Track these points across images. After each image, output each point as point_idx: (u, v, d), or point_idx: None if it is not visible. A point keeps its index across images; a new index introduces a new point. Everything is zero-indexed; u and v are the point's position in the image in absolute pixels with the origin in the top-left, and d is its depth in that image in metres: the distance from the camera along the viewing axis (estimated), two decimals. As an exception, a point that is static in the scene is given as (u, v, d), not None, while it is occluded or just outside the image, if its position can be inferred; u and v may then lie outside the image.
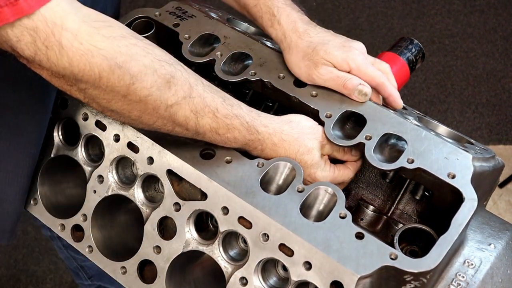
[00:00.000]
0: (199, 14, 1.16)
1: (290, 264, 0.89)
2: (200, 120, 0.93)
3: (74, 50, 0.81)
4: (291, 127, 1.00)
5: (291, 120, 1.02)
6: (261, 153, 1.00)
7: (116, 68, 0.84)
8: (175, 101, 0.90)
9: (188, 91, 0.91)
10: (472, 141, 1.05)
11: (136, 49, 0.86)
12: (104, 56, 0.83)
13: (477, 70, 3.02)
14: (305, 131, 1.01)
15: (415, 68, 1.29)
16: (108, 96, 0.88)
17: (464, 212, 0.89)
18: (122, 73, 0.85)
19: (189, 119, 0.92)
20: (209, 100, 0.93)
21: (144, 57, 0.86)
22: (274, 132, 0.99)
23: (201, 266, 1.04)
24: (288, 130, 1.00)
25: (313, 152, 1.00)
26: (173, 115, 0.91)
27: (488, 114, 2.86)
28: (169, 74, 0.89)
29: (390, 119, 0.99)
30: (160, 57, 0.89)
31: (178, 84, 0.90)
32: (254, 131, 0.97)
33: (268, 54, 1.10)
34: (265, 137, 0.98)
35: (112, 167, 1.05)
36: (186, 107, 0.91)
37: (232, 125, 0.95)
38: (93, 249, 1.06)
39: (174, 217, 0.98)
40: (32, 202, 1.13)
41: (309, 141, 1.00)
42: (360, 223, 1.06)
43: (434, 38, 3.14)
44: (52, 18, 0.80)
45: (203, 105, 0.92)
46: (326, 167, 1.02)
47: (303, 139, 1.00)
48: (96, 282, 1.78)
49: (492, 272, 0.96)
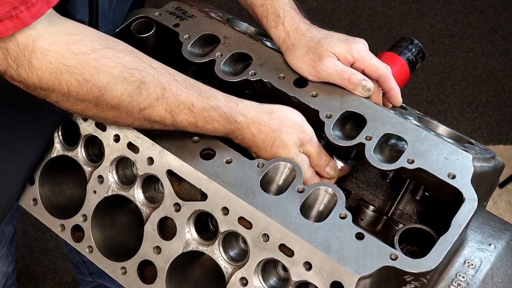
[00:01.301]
0: (199, 14, 1.16)
1: (290, 264, 0.89)
2: (176, 117, 0.95)
3: (43, 69, 0.86)
4: (270, 117, 1.00)
5: (273, 110, 1.01)
6: (242, 142, 1.01)
7: (84, 83, 0.88)
8: (148, 104, 0.93)
9: (160, 93, 0.93)
10: (472, 141, 1.05)
11: (104, 61, 0.89)
12: (71, 72, 0.87)
13: (477, 70, 3.02)
14: (286, 123, 1.00)
15: (415, 68, 1.29)
16: (80, 107, 0.92)
17: (464, 212, 0.89)
18: (90, 86, 0.88)
19: (165, 118, 0.95)
20: (184, 97, 0.94)
21: (113, 68, 0.89)
22: (253, 122, 0.99)
23: (201, 267, 1.03)
24: (267, 121, 0.99)
25: (288, 148, 0.99)
26: (147, 116, 0.94)
27: (488, 114, 2.86)
28: (139, 80, 0.91)
29: (390, 119, 0.99)
30: (130, 64, 0.91)
31: (149, 88, 0.92)
32: (233, 120, 0.98)
33: (268, 54, 1.10)
34: (243, 127, 0.99)
35: (112, 167, 1.05)
36: (160, 108, 0.93)
37: (210, 117, 0.96)
38: (93, 249, 1.06)
39: (174, 218, 0.98)
40: (32, 202, 1.13)
41: (287, 135, 0.99)
42: (360, 223, 1.06)
43: (434, 38, 3.14)
44: (24, 41, 0.84)
45: (177, 103, 0.94)
46: (302, 167, 0.98)
47: (280, 132, 0.99)
48: (97, 279, 1.78)
49: (492, 272, 0.96)
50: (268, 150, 0.99)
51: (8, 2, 0.81)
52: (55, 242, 2.41)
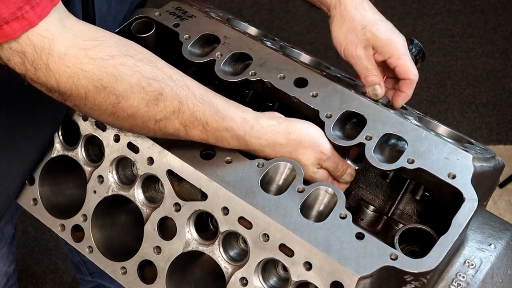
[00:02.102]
0: (199, 14, 1.16)
1: (290, 264, 0.89)
2: (189, 132, 0.95)
3: (61, 73, 0.85)
4: (287, 139, 0.98)
5: (290, 131, 0.98)
6: (254, 153, 1.00)
7: (102, 89, 0.87)
8: (164, 116, 0.92)
9: (177, 106, 0.92)
10: (472, 141, 1.05)
11: (123, 69, 0.88)
12: (89, 78, 0.86)
13: (477, 70, 3.02)
14: (303, 144, 0.98)
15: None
16: (96, 113, 0.91)
17: (465, 212, 0.89)
18: (107, 93, 0.88)
19: (179, 131, 0.94)
20: (199, 114, 0.94)
21: (131, 76, 0.89)
22: (267, 144, 0.98)
23: (201, 266, 1.03)
24: (283, 143, 0.98)
25: (306, 168, 0.98)
26: (162, 128, 0.94)
27: (488, 114, 2.86)
28: (157, 91, 0.90)
29: (390, 119, 0.99)
30: (148, 74, 0.90)
31: (167, 100, 0.91)
32: (245, 144, 0.97)
33: (268, 54, 1.10)
34: (256, 148, 0.98)
35: (112, 167, 1.05)
36: (175, 121, 0.93)
37: (222, 137, 0.96)
38: (93, 249, 1.06)
39: (174, 217, 0.98)
40: (32, 202, 1.13)
41: (304, 156, 0.99)
42: (360, 223, 1.06)
43: (434, 38, 3.14)
44: (40, 43, 0.84)
45: (192, 119, 0.93)
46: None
47: (297, 154, 0.98)
48: (97, 279, 1.78)
49: (493, 272, 0.96)
50: None
51: (12, 3, 0.80)
52: (55, 242, 2.41)
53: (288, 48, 1.16)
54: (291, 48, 1.17)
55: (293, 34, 3.11)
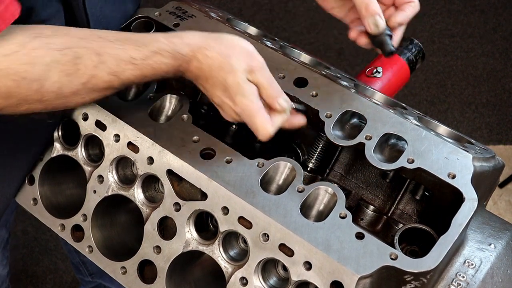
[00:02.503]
0: (199, 14, 1.16)
1: (290, 264, 0.89)
2: (122, 76, 0.93)
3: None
4: (218, 42, 0.94)
5: (221, 37, 0.95)
6: (190, 74, 0.96)
7: (21, 80, 0.87)
8: (89, 75, 0.91)
9: (96, 59, 0.91)
10: (472, 141, 1.05)
11: (35, 53, 0.88)
12: (6, 74, 0.86)
13: (477, 70, 3.02)
14: (235, 49, 0.94)
15: (415, 68, 1.29)
16: (27, 105, 0.91)
17: (464, 212, 0.89)
18: (27, 82, 0.88)
19: (111, 81, 0.93)
20: (122, 54, 0.92)
21: (45, 57, 0.88)
22: (198, 49, 0.94)
23: (201, 266, 1.04)
24: (214, 45, 0.94)
25: (237, 74, 0.92)
26: (94, 87, 0.93)
27: (488, 114, 2.86)
28: (72, 56, 0.90)
29: (390, 119, 0.99)
30: (60, 45, 0.90)
31: (84, 59, 0.90)
32: (179, 55, 0.94)
33: (268, 54, 1.09)
34: (190, 57, 0.94)
35: (112, 167, 1.05)
36: (102, 74, 0.92)
37: (155, 62, 0.93)
38: (93, 249, 1.06)
39: (174, 217, 0.98)
40: (32, 202, 1.13)
41: (236, 60, 0.93)
42: (360, 223, 1.06)
43: (434, 38, 3.14)
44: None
45: (117, 62, 0.92)
46: (249, 96, 0.93)
47: (229, 57, 0.93)
48: (97, 280, 1.78)
49: (492, 272, 0.96)
50: (215, 76, 0.93)
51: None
52: (55, 242, 2.41)
53: (288, 48, 1.16)
54: (291, 48, 1.17)
55: (293, 34, 3.11)
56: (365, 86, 1.13)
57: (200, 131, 1.01)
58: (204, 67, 0.93)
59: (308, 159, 1.10)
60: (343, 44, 3.03)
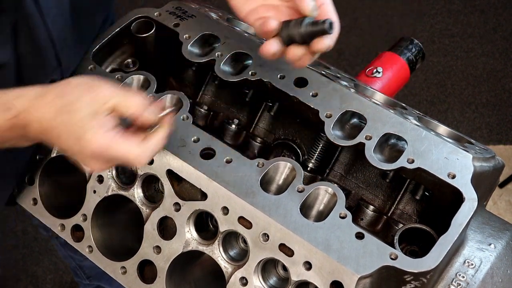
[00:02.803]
0: (199, 14, 1.16)
1: (290, 264, 0.89)
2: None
3: None
4: (52, 88, 0.84)
5: (54, 92, 0.84)
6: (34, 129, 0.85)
7: None
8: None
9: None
10: (472, 141, 1.05)
11: None
12: None
13: (477, 70, 3.02)
14: (74, 92, 0.83)
15: (415, 68, 1.29)
16: None
17: (464, 212, 0.89)
18: None
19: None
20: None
21: None
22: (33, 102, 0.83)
23: (201, 266, 1.03)
24: (48, 100, 0.83)
25: (84, 121, 0.80)
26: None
27: (488, 114, 2.86)
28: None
29: (390, 119, 0.99)
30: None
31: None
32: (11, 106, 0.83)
33: (268, 54, 1.09)
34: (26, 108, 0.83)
35: (112, 167, 1.05)
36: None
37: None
38: (93, 249, 1.06)
39: (174, 217, 0.98)
40: (32, 202, 1.13)
41: (79, 104, 0.82)
42: (360, 223, 1.06)
43: (434, 38, 3.14)
44: None
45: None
46: (98, 130, 0.81)
47: (69, 108, 0.81)
48: (95, 282, 1.78)
49: (492, 272, 0.96)
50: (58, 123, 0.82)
51: None
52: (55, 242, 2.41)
53: (288, 48, 1.16)
54: (291, 48, 1.17)
55: (293, 34, 3.11)
56: (365, 86, 1.13)
57: (200, 131, 1.01)
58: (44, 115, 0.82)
59: (308, 159, 1.10)
60: (343, 44, 3.03)
